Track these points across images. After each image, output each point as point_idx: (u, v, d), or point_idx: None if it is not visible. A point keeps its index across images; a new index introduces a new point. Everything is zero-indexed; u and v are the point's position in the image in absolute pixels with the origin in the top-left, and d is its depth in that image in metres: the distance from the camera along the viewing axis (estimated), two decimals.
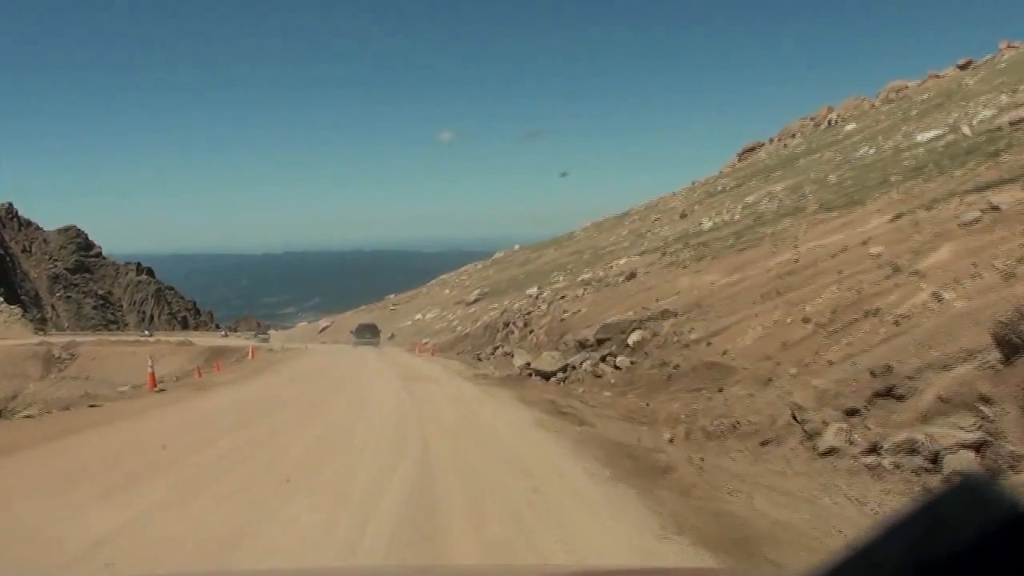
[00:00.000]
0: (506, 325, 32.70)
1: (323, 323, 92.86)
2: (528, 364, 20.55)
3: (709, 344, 15.24)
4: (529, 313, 29.97)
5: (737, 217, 45.07)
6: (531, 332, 27.27)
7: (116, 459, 9.97)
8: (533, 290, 50.63)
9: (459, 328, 54.69)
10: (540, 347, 25.08)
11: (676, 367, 14.16)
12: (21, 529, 6.67)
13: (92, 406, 15.94)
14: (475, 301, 64.59)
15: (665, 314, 19.41)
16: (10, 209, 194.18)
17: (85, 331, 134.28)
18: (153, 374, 21.34)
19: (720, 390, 12.61)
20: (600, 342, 20.16)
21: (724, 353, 13.86)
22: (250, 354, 34.04)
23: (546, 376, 17.96)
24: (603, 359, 17.28)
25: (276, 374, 23.72)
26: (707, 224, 47.44)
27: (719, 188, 71.05)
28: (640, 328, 19.07)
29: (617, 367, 16.53)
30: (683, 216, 62.67)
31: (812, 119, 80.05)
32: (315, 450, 10.39)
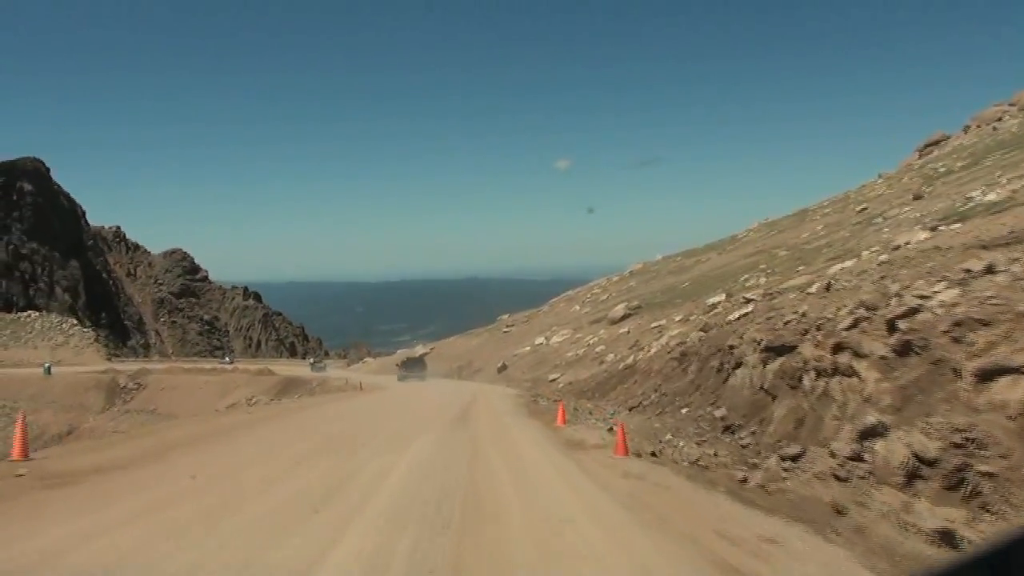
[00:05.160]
0: (798, 368, 12.59)
1: (420, 350, 75.60)
2: None
3: None
4: (945, 307, 9.75)
5: None
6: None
7: None
8: (719, 297, 35.74)
9: (611, 357, 35.21)
10: None
11: None
12: None
13: None
14: (624, 318, 45.19)
15: None
16: (118, 232, 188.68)
17: (189, 357, 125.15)
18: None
19: None
20: None
21: None
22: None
23: None
24: None
25: None
26: (989, 196, 36.98)
27: (940, 170, 61.42)
28: None
29: None
30: (918, 197, 51.93)
31: (1013, 104, 78.58)
32: None
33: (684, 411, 16.77)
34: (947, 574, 1.48)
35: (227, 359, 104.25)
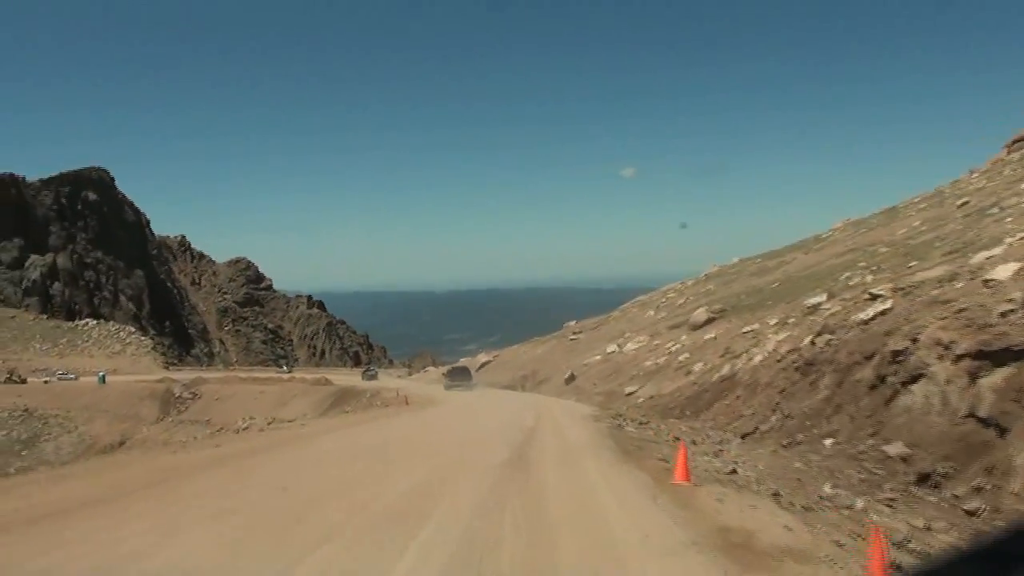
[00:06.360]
0: None
1: (482, 358, 71.64)
2: None
3: None
4: None
5: None
6: None
7: None
8: (820, 298, 31.39)
9: (699, 366, 30.30)
10: None
11: None
12: None
13: None
14: (708, 322, 40.31)
15: None
16: (183, 241, 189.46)
17: (253, 366, 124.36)
18: None
19: None
20: None
21: None
22: None
23: None
24: None
25: None
26: None
27: None
28: None
29: None
30: None
31: None
32: None
33: (828, 442, 12.05)
34: (945, 567, 1.44)
35: (284, 368, 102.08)
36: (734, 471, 10.47)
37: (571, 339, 64.17)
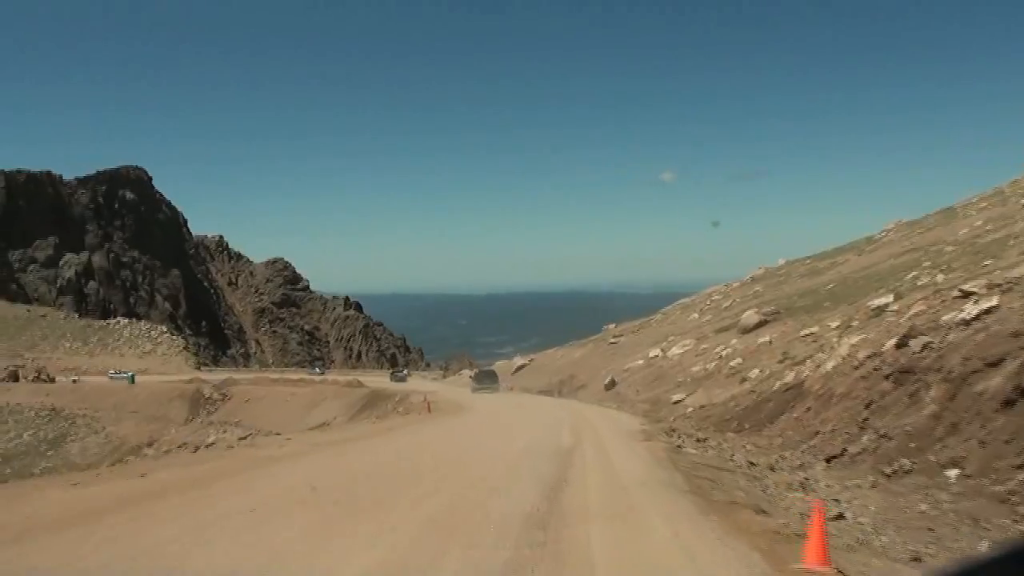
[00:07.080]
0: None
1: (518, 361, 69.38)
2: None
3: None
4: None
5: None
6: None
7: None
8: (886, 299, 29.24)
9: (756, 372, 27.48)
10: None
11: None
12: None
13: None
14: (760, 325, 37.47)
15: None
16: (220, 242, 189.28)
17: (289, 367, 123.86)
18: None
19: None
20: None
21: None
22: None
23: None
24: None
25: None
26: None
27: None
28: None
29: None
30: None
31: None
32: None
33: (953, 474, 9.33)
34: (983, 566, 1.40)
35: (317, 369, 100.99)
36: (841, 515, 7.82)
37: (611, 342, 61.40)
